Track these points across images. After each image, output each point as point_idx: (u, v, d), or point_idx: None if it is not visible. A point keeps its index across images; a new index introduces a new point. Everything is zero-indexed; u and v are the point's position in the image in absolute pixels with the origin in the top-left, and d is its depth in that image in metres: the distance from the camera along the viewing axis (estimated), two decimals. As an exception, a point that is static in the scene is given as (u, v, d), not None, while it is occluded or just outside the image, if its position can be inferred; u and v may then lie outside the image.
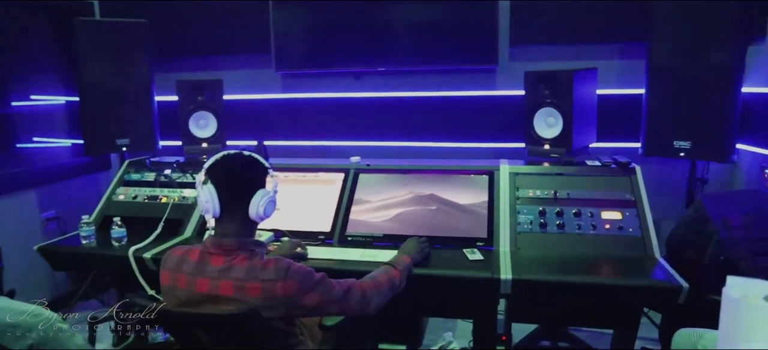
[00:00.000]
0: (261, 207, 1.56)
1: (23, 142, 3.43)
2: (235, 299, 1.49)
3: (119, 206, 2.68)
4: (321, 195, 2.57)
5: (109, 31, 3.07)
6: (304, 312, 1.60)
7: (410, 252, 2.01)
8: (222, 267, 1.51)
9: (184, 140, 3.04)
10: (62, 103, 3.65)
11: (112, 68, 3.06)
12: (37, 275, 3.19)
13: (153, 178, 2.76)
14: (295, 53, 3.33)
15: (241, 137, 3.33)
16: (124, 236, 2.40)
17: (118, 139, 3.09)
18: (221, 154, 1.62)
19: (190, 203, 2.60)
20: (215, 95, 3.06)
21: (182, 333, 1.69)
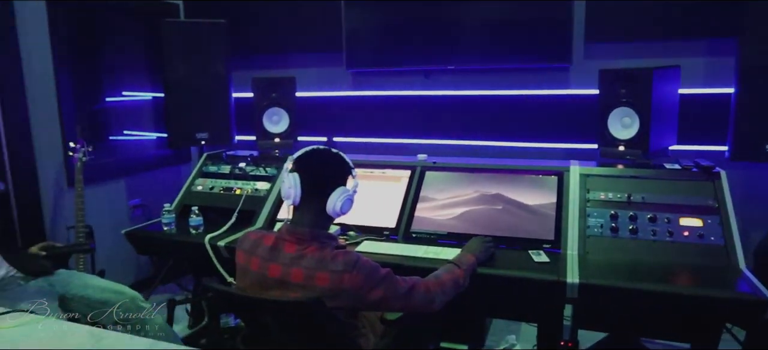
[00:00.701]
0: (339, 204, 1.61)
1: (115, 134, 3.71)
2: (304, 286, 1.54)
3: (197, 196, 2.84)
4: (387, 191, 2.60)
5: (192, 31, 3.25)
6: (367, 306, 1.63)
7: (475, 251, 2.00)
8: (294, 254, 1.57)
9: (258, 135, 3.17)
10: (149, 98, 3.91)
11: (194, 66, 3.24)
12: (124, 257, 3.43)
13: (228, 171, 2.91)
14: (366, 52, 3.38)
15: (312, 133, 3.43)
16: (201, 224, 2.55)
17: (197, 133, 3.27)
18: (311, 147, 1.69)
19: (262, 195, 2.71)
20: (288, 92, 3.17)
21: (250, 316, 1.78)
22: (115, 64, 3.68)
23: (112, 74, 3.66)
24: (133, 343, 1.25)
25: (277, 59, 3.71)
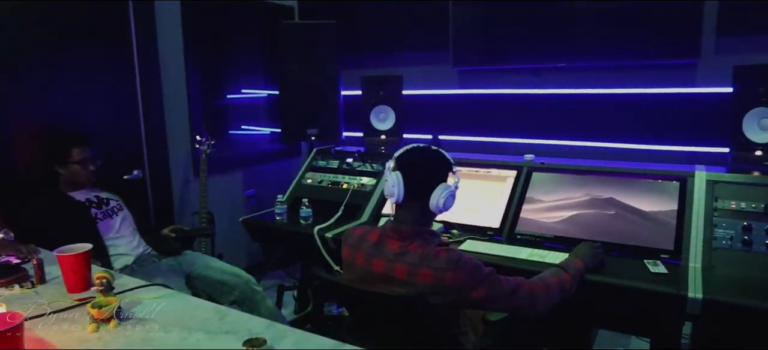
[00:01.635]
0: (442, 200, 1.62)
1: (234, 129, 3.99)
2: (407, 282, 1.57)
3: (307, 189, 2.99)
4: (492, 191, 2.56)
5: (305, 32, 3.42)
6: (470, 305, 1.62)
7: (583, 256, 1.91)
8: (397, 250, 1.61)
9: (365, 132, 3.26)
10: (264, 96, 4.16)
11: (307, 65, 3.40)
12: (238, 243, 3.69)
13: (336, 166, 3.02)
14: (473, 50, 3.35)
15: (418, 131, 3.46)
16: (311, 216, 2.67)
17: (308, 129, 3.43)
18: (411, 145, 1.72)
19: (368, 190, 2.79)
20: (395, 90, 3.23)
21: (356, 308, 1.84)
22: (235, 64, 3.96)
23: (232, 73, 3.94)
24: (252, 323, 1.35)
25: (385, 58, 3.79)
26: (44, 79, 2.73)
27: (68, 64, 2.81)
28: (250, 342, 1.18)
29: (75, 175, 2.49)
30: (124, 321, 1.36)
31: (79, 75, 2.87)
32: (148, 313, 1.40)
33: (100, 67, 2.96)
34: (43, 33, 2.70)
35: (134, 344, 1.25)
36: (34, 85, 2.69)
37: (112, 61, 3.02)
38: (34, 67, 2.69)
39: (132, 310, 1.42)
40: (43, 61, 2.72)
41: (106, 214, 2.53)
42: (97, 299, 1.36)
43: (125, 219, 2.59)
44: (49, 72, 2.74)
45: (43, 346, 1.24)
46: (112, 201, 2.59)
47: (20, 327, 1.10)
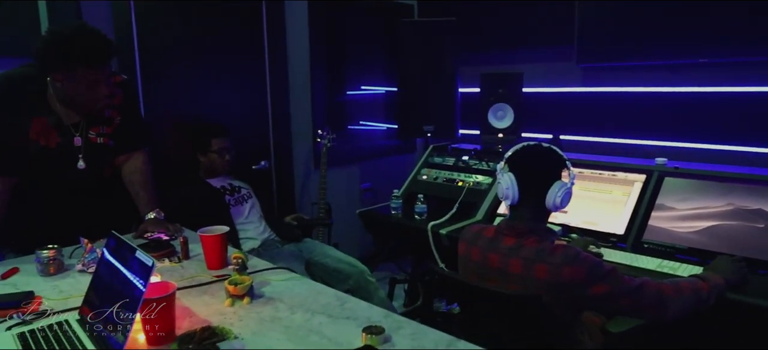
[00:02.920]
0: (558, 198, 1.58)
1: (352, 124, 4.14)
2: (522, 277, 1.54)
3: (422, 185, 3.02)
4: (617, 195, 2.42)
5: (425, 29, 3.45)
6: (590, 303, 1.55)
7: (724, 271, 1.74)
8: (513, 245, 1.58)
9: (482, 129, 3.23)
10: (382, 92, 4.26)
11: (425, 62, 3.43)
12: (353, 234, 3.83)
13: (452, 163, 3.02)
14: (600, 45, 3.16)
15: (537, 130, 3.35)
16: (425, 211, 2.70)
17: (424, 126, 3.46)
18: (521, 144, 1.68)
19: (484, 189, 2.76)
20: (515, 88, 3.15)
21: (469, 304, 1.84)
22: (356, 61, 4.10)
23: (353, 70, 4.08)
24: (371, 311, 1.40)
25: (504, 55, 3.71)
26: (188, 75, 3.03)
27: (208, 61, 3.10)
28: (368, 329, 1.23)
29: (213, 164, 2.74)
30: (255, 299, 1.47)
31: (217, 71, 3.15)
32: (276, 293, 1.51)
33: (235, 64, 3.22)
34: (187, 32, 3.00)
35: (265, 320, 1.35)
36: (180, 81, 3.00)
37: (246, 58, 3.28)
38: (180, 64, 3.00)
39: (262, 289, 1.54)
40: (188, 58, 3.02)
41: (237, 201, 2.75)
42: (233, 277, 1.48)
43: (254, 206, 2.80)
44: (192, 68, 3.04)
45: (188, 314, 1.38)
46: (243, 189, 2.81)
47: (173, 296, 1.24)
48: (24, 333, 1.28)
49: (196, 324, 1.32)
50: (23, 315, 1.39)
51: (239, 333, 1.26)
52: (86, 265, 1.70)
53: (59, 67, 1.78)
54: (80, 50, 1.75)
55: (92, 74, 1.81)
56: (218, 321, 1.33)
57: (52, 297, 1.52)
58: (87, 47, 1.76)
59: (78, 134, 1.98)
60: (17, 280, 1.67)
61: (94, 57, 1.78)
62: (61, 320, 1.35)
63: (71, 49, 1.74)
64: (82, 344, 1.22)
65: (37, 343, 1.23)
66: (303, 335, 1.27)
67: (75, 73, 1.78)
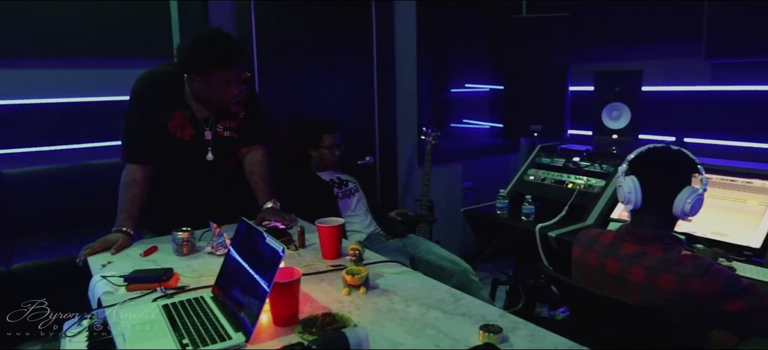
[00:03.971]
0: (688, 204, 1.47)
1: (455, 122, 4.12)
2: (645, 286, 1.45)
3: (529, 185, 2.94)
4: (753, 204, 2.20)
5: (535, 25, 3.35)
6: (722, 320, 1.43)
7: None
8: (634, 253, 1.50)
9: (595, 130, 3.08)
10: (486, 90, 4.20)
11: (534, 60, 3.34)
12: (454, 232, 3.82)
13: (561, 164, 2.91)
14: (733, 39, 2.88)
15: (656, 132, 3.14)
16: (533, 212, 2.63)
17: (531, 125, 3.37)
18: (647, 146, 1.59)
19: (596, 192, 2.64)
20: (633, 86, 2.97)
21: (582, 311, 1.76)
22: (461, 58, 4.08)
23: (458, 67, 4.07)
24: (486, 309, 1.39)
25: (619, 51, 3.52)
26: (301, 73, 3.19)
27: (320, 60, 3.24)
28: (486, 327, 1.22)
29: (323, 158, 2.85)
30: (371, 290, 1.52)
31: (328, 69, 3.28)
32: (390, 286, 1.55)
33: (345, 63, 3.34)
34: (301, 33, 3.16)
35: (381, 311, 1.39)
36: (293, 78, 3.17)
37: (355, 58, 3.38)
38: (293, 62, 3.16)
39: (376, 281, 1.58)
40: (301, 57, 3.18)
41: (345, 194, 2.84)
42: (350, 267, 1.54)
43: (360, 200, 2.88)
44: (305, 67, 3.20)
45: (308, 300, 1.45)
46: (350, 183, 2.90)
47: (299, 282, 1.31)
48: (167, 305, 1.41)
49: (317, 310, 1.38)
50: (165, 289, 1.53)
51: (358, 322, 1.30)
52: (214, 248, 1.84)
53: (200, 69, 1.94)
54: (219, 54, 1.92)
55: (227, 74, 1.96)
56: (337, 309, 1.38)
57: (187, 275, 1.66)
58: (224, 51, 1.93)
59: (208, 128, 2.15)
60: (157, 258, 1.85)
61: (230, 59, 1.95)
62: (197, 296, 1.47)
63: (211, 53, 1.91)
64: (218, 319, 1.32)
65: (179, 315, 1.35)
66: (419, 328, 1.29)
67: (213, 74, 1.94)
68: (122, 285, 1.58)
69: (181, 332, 1.27)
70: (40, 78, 3.33)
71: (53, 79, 3.36)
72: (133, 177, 2.07)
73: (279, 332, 1.29)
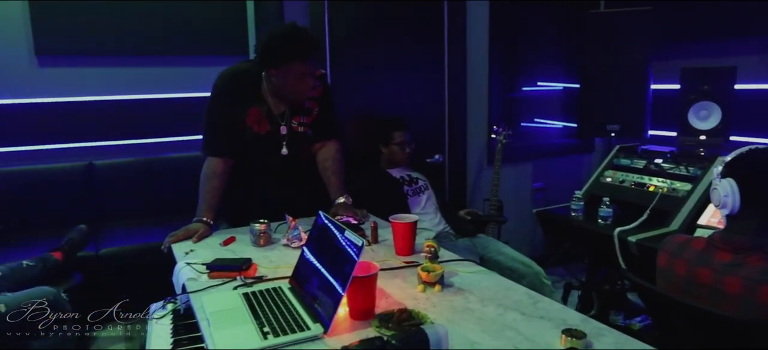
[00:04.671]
0: None
1: (526, 121, 4.02)
2: (743, 298, 1.35)
3: (606, 187, 2.82)
4: None
5: (615, 21, 3.21)
6: None
7: None
8: (729, 262, 1.40)
9: (681, 131, 2.91)
10: (560, 89, 4.07)
11: (612, 57, 3.19)
12: (523, 233, 3.73)
13: (642, 166, 2.77)
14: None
15: (750, 133, 2.92)
16: (611, 216, 2.52)
17: (608, 125, 3.23)
18: (747, 147, 1.49)
19: (681, 196, 2.49)
20: (725, 84, 2.78)
21: (667, 321, 1.66)
22: (533, 56, 3.97)
23: (529, 65, 3.96)
24: (566, 313, 1.34)
25: (708, 46, 3.30)
26: (372, 70, 3.22)
27: (391, 58, 3.26)
28: (569, 332, 1.18)
29: (394, 155, 2.85)
30: (446, 288, 1.50)
31: (398, 67, 3.29)
32: (465, 285, 1.52)
33: (416, 61, 3.34)
34: (373, 31, 3.19)
35: (457, 310, 1.37)
36: (364, 76, 3.20)
37: (426, 56, 3.38)
38: (365, 60, 3.19)
39: (451, 279, 1.56)
40: (372, 55, 3.21)
41: (415, 191, 2.83)
42: (425, 264, 1.52)
43: (430, 198, 2.86)
44: (376, 65, 3.22)
45: (383, 295, 1.45)
46: (420, 181, 2.89)
47: (376, 276, 1.32)
48: (247, 294, 1.46)
49: (392, 306, 1.38)
50: (244, 279, 1.58)
51: (434, 319, 1.29)
52: (290, 240, 1.89)
53: (278, 63, 2.00)
54: (296, 46, 1.97)
55: (303, 67, 2.00)
56: (412, 305, 1.38)
57: (264, 266, 1.71)
58: (301, 44, 1.98)
59: (283, 123, 2.20)
60: (235, 248, 1.91)
61: (306, 52, 1.99)
62: (275, 286, 1.51)
63: (289, 45, 1.96)
64: (296, 310, 1.35)
65: (259, 303, 1.39)
66: (497, 329, 1.26)
67: (290, 67, 1.99)
68: (205, 272, 1.64)
69: (261, 320, 1.30)
70: (127, 75, 3.54)
71: (138, 77, 3.56)
72: (213, 170, 2.15)
73: (355, 325, 1.29)
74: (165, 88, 3.63)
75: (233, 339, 1.22)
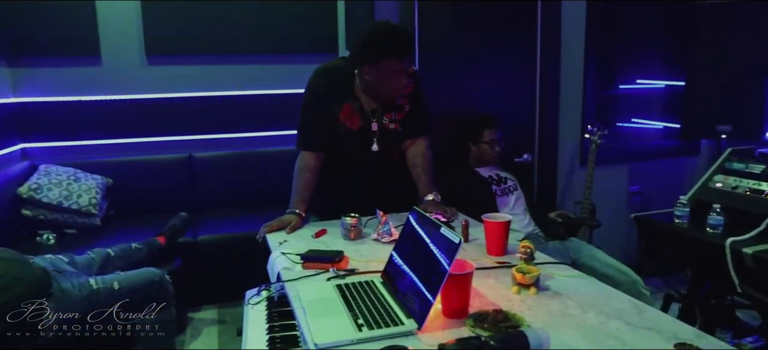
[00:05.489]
0: None
1: (622, 121, 3.80)
2: None
3: (715, 193, 2.60)
4: None
5: (725, 11, 2.95)
6: None
7: None
8: None
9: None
10: (661, 87, 3.81)
11: (724, 52, 2.94)
12: (616, 239, 3.53)
13: (760, 171, 2.52)
14: None
15: None
16: (721, 224, 2.32)
17: (718, 126, 2.98)
18: None
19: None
20: None
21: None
22: (631, 52, 3.75)
23: (627, 62, 3.74)
24: (678, 326, 1.24)
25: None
26: (460, 68, 3.18)
27: (479, 56, 3.21)
28: (683, 346, 1.09)
29: (483, 153, 2.80)
30: (541, 291, 1.44)
31: (487, 65, 3.24)
32: (562, 289, 1.46)
33: (505, 59, 3.27)
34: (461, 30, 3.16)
35: (554, 314, 1.31)
36: (452, 74, 3.17)
37: (516, 54, 3.30)
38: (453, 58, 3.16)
39: (546, 283, 1.50)
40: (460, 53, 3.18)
41: (503, 191, 2.76)
42: (520, 265, 1.48)
43: (519, 199, 2.78)
44: (464, 62, 3.18)
45: (476, 294, 1.42)
46: (509, 181, 2.81)
47: (471, 275, 1.29)
48: (340, 285, 1.48)
49: (486, 306, 1.35)
50: (337, 270, 1.61)
51: (531, 322, 1.24)
52: (380, 235, 1.90)
53: (372, 60, 2.02)
54: (389, 44, 1.98)
55: (397, 65, 2.01)
56: (506, 307, 1.34)
57: (355, 259, 1.73)
58: (394, 41, 1.98)
59: (374, 120, 2.22)
60: (326, 240, 1.95)
61: (400, 50, 1.99)
62: (368, 280, 1.52)
63: (383, 43, 1.97)
64: (389, 304, 1.35)
65: (352, 295, 1.41)
66: (600, 338, 1.19)
67: (384, 64, 2.00)
68: (299, 262, 1.69)
69: (355, 312, 1.32)
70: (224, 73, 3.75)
71: (234, 74, 3.76)
72: (307, 164, 2.21)
73: (449, 323, 1.28)
74: (259, 84, 3.80)
75: (329, 328, 1.24)
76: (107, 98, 3.57)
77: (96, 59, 3.52)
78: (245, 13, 3.65)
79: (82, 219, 3.23)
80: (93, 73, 3.54)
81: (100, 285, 2.17)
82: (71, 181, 3.26)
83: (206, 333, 3.00)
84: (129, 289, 2.20)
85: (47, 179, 3.21)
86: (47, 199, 3.14)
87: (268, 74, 3.79)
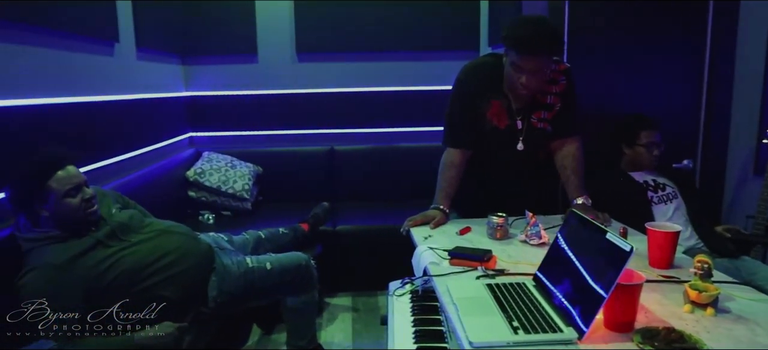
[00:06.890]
0: None
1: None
2: None
3: None
4: None
5: None
6: None
7: None
8: None
9: None
10: None
11: None
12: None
13: None
14: None
15: None
16: None
17: None
18: None
19: None
20: None
21: None
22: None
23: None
24: None
25: None
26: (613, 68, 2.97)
27: (635, 56, 2.98)
28: None
29: (638, 157, 2.58)
30: (720, 313, 1.29)
31: (644, 65, 2.99)
32: (748, 313, 1.28)
33: (663, 59, 3.00)
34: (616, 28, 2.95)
35: (740, 341, 1.15)
36: (605, 74, 2.97)
37: (679, 54, 3.01)
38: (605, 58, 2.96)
39: (726, 304, 1.33)
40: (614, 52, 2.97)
41: (661, 199, 2.52)
42: (695, 282, 1.33)
43: (679, 208, 2.52)
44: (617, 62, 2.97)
45: (642, 309, 1.30)
46: (668, 188, 2.56)
47: (640, 287, 1.19)
48: (491, 285, 1.44)
49: (653, 322, 1.23)
50: (485, 269, 1.57)
51: (711, 348, 1.11)
52: (529, 237, 1.82)
53: (506, 49, 1.95)
54: (514, 37, 1.89)
55: (518, 60, 1.90)
56: (678, 326, 1.21)
57: (503, 259, 1.68)
58: (519, 36, 1.88)
59: (520, 118, 2.14)
60: (471, 238, 1.92)
61: (523, 46, 1.88)
62: (519, 282, 1.46)
63: (511, 34, 1.90)
64: (544, 309, 1.28)
65: (504, 297, 1.36)
66: (803, 374, 1.03)
67: (509, 56, 1.94)
68: (446, 258, 1.68)
69: (509, 314, 1.27)
70: (366, 69, 3.88)
71: (376, 70, 3.87)
72: (452, 160, 2.19)
73: (612, 336, 1.18)
74: (399, 81, 3.87)
75: (484, 328, 1.21)
76: (261, 93, 3.87)
77: (253, 57, 3.83)
78: (389, 13, 3.74)
79: (236, 202, 3.54)
80: (250, 69, 3.85)
81: (255, 265, 2.34)
82: (228, 168, 3.58)
83: (341, 318, 3.12)
84: (280, 270, 2.36)
85: (209, 165, 3.56)
86: (209, 183, 3.49)
87: (408, 71, 3.85)
